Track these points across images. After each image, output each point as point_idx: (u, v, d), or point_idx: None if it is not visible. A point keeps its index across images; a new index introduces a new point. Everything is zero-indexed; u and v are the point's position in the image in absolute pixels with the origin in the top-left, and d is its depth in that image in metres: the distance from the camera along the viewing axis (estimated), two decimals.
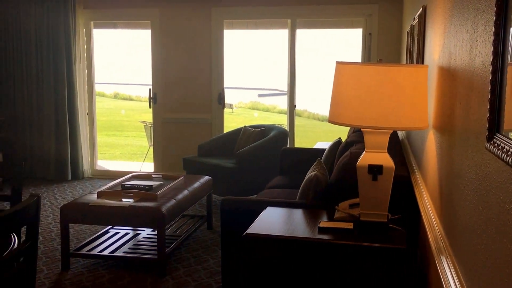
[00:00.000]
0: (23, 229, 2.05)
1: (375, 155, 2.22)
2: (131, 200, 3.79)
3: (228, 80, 6.47)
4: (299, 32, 6.33)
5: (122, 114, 14.43)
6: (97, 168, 6.86)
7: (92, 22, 6.58)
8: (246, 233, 2.44)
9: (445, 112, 1.98)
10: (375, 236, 2.27)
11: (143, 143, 11.34)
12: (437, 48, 2.28)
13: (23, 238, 2.08)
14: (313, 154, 4.75)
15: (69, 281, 3.50)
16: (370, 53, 6.04)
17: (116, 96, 18.42)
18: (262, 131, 5.70)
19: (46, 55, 6.32)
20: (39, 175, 6.47)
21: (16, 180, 2.62)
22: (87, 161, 6.68)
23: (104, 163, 7.22)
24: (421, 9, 3.12)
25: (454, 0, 1.87)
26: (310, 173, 3.17)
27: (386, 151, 2.26)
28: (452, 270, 1.60)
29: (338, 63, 2.24)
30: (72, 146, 6.47)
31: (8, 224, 1.87)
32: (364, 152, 2.27)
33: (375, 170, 2.20)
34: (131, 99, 18.55)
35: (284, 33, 6.40)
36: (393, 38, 5.93)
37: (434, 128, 2.26)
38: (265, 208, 2.84)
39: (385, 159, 2.24)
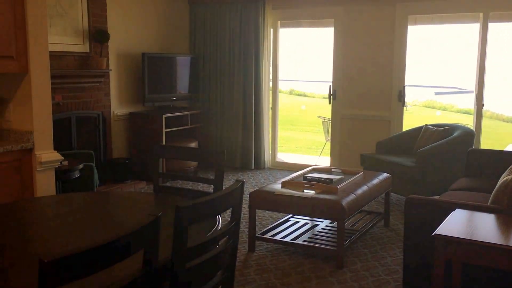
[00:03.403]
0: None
1: None
2: (313, 191, 3.95)
3: (407, 77, 6.30)
4: (492, 26, 5.87)
5: (301, 109, 14.99)
6: (277, 159, 7.25)
7: (279, 22, 6.96)
8: (435, 233, 2.39)
9: None
10: None
11: (318, 137, 11.60)
12: None
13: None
14: (505, 157, 4.41)
15: (255, 262, 3.80)
16: None
17: (291, 93, 19.10)
18: (445, 130, 5.44)
19: (237, 54, 6.87)
20: (227, 163, 7.06)
21: (219, 166, 2.93)
22: (268, 153, 7.11)
23: (282, 155, 7.60)
24: None
25: None
26: (505, 177, 2.97)
27: None
28: None
29: None
30: (256, 138, 6.95)
31: (218, 205, 2.09)
32: None
33: None
34: (305, 96, 19.07)
35: (473, 27, 6.01)
36: None
37: None
38: (454, 209, 2.75)
39: None
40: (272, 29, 6.93)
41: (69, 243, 2.05)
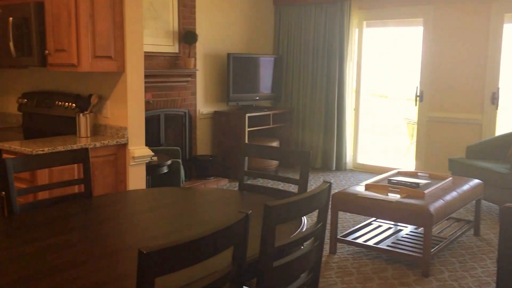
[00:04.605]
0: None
1: None
2: (398, 195, 3.85)
3: (502, 78, 5.94)
4: None
5: (384, 111, 14.60)
6: (358, 161, 7.13)
7: (364, 22, 6.84)
8: None
9: None
10: None
11: (401, 140, 11.27)
12: None
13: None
14: None
15: (336, 264, 3.77)
16: None
17: (373, 94, 18.70)
18: None
19: (321, 54, 6.84)
20: None
21: (304, 167, 2.93)
22: (350, 154, 7.02)
23: (364, 157, 7.45)
24: None
25: None
26: None
27: None
28: None
29: None
30: (338, 139, 6.89)
31: (306, 206, 2.08)
32: None
33: None
34: (387, 97, 18.57)
35: None
36: None
37: None
38: None
39: None
40: (357, 29, 6.83)
41: (161, 236, 2.14)
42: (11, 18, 3.50)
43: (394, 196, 3.83)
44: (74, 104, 3.73)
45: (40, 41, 3.44)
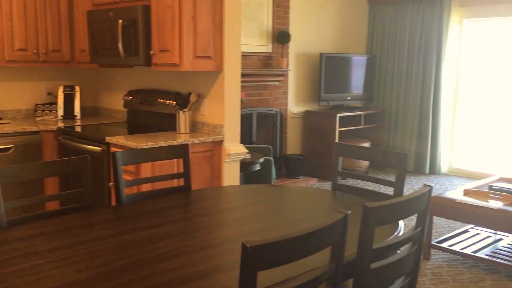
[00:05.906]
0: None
1: None
2: (500, 203, 3.65)
3: None
4: None
5: (481, 113, 13.89)
6: (453, 165, 6.82)
7: (465, 20, 6.52)
8: None
9: None
10: None
11: (499, 144, 10.62)
12: None
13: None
14: None
15: (430, 271, 3.64)
16: None
17: (470, 95, 17.78)
18: None
19: (417, 54, 6.63)
20: None
21: (401, 169, 2.87)
22: (445, 158, 6.73)
23: (459, 161, 7.11)
24: None
25: None
26: None
27: None
28: None
29: None
30: (432, 141, 6.64)
31: (406, 209, 2.03)
32: None
33: None
34: (485, 99, 17.58)
35: None
36: None
37: None
38: None
39: None
40: (458, 27, 6.53)
41: (257, 231, 2.19)
42: (120, 21, 3.74)
43: (496, 203, 3.63)
44: (174, 102, 3.91)
45: (146, 42, 3.65)
